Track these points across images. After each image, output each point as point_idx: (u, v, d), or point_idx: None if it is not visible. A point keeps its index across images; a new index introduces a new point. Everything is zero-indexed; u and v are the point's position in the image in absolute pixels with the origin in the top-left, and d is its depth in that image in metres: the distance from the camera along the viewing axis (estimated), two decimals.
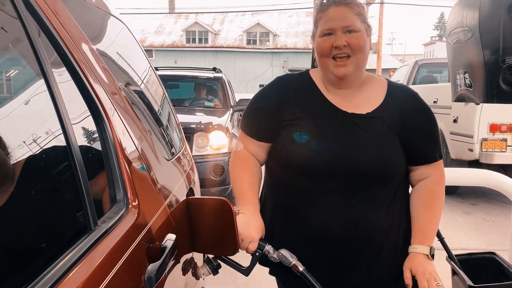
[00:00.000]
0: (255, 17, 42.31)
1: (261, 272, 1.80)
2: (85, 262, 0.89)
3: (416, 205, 1.63)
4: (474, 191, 7.14)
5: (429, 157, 1.64)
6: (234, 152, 1.76)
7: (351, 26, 1.53)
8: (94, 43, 1.39)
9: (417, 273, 1.54)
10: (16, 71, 1.05)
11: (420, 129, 1.62)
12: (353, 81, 1.60)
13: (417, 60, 10.32)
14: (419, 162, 1.64)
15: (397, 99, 1.63)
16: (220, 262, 1.58)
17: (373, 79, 1.68)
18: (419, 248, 1.58)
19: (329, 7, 1.56)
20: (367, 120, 1.57)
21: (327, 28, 1.54)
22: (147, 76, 2.22)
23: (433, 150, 1.65)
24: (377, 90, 1.64)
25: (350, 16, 1.54)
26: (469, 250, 2.47)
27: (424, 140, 1.63)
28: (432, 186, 1.64)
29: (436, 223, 1.64)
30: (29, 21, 0.99)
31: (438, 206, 1.64)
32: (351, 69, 1.54)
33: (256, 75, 38.18)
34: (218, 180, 5.40)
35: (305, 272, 1.51)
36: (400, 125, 1.58)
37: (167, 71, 7.93)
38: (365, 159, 1.53)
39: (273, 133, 1.63)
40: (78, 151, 1.01)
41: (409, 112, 1.61)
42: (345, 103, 1.60)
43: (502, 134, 6.22)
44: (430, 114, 1.67)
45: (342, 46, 1.51)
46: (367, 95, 1.63)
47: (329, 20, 1.54)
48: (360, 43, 1.53)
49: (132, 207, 1.18)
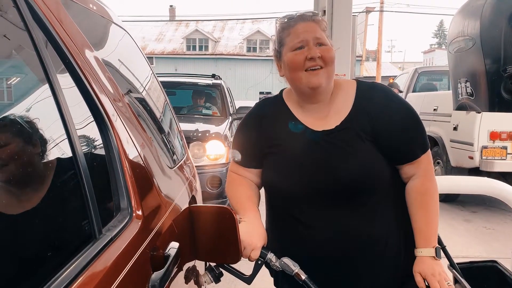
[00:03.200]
0: (255, 24, 42.44)
1: (263, 281, 1.79)
2: (90, 270, 0.89)
3: (410, 207, 1.60)
4: (474, 199, 7.13)
5: (408, 156, 1.58)
6: (228, 175, 1.81)
7: (321, 39, 1.54)
8: (98, 51, 1.40)
9: (427, 276, 1.54)
10: (22, 78, 1.06)
11: (392, 129, 1.56)
12: (324, 92, 1.58)
13: (416, 67, 10.33)
14: (400, 161, 1.59)
15: (365, 103, 1.59)
16: (222, 270, 1.57)
17: (340, 86, 1.64)
18: (424, 251, 1.58)
19: (297, 23, 1.57)
20: (336, 135, 1.56)
21: (299, 41, 1.54)
22: (149, 83, 2.22)
23: (411, 147, 1.59)
24: (346, 98, 1.61)
25: (319, 30, 1.55)
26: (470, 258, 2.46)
27: (398, 139, 1.56)
28: (419, 185, 1.59)
29: (435, 221, 1.60)
30: (34, 29, 1.00)
31: (431, 204, 1.59)
32: (324, 79, 1.54)
33: (256, 82, 38.26)
34: (215, 193, 5.14)
35: (307, 281, 1.51)
36: (369, 130, 1.54)
37: (164, 78, 7.61)
38: (342, 174, 1.51)
39: (259, 160, 1.68)
40: (83, 159, 1.01)
41: (378, 112, 1.56)
42: (316, 120, 1.60)
43: (502, 142, 6.22)
44: (403, 111, 1.60)
45: (316, 57, 1.51)
46: (337, 106, 1.60)
47: (299, 34, 1.54)
48: (331, 55, 1.54)
49: (136, 216, 1.18)
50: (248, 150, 1.71)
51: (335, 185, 1.52)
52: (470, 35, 2.25)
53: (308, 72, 1.53)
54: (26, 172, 0.84)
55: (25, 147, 0.86)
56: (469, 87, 2.34)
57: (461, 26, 2.37)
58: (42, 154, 0.91)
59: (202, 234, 1.49)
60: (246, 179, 1.73)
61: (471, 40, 2.24)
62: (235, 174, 1.76)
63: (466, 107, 2.49)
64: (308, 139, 1.58)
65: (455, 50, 2.48)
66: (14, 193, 0.80)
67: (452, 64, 2.62)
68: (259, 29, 40.14)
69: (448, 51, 2.64)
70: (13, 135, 0.84)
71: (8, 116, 0.90)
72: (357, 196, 1.54)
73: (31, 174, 0.86)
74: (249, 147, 1.70)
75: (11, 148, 0.81)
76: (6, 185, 0.78)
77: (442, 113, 7.00)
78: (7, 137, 0.82)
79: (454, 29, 2.50)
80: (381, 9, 27.43)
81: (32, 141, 0.88)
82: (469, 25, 2.27)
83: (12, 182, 0.79)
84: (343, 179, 1.51)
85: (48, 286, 0.78)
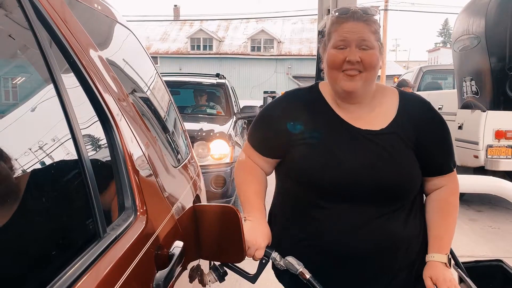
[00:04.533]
0: (260, 24, 42.42)
1: (268, 280, 1.79)
2: (95, 269, 0.89)
3: (432, 214, 1.63)
4: (479, 198, 7.10)
5: (443, 169, 1.63)
6: (238, 161, 1.75)
7: (366, 42, 1.48)
8: (102, 50, 1.40)
9: (437, 281, 1.55)
10: (27, 78, 1.06)
11: (434, 141, 1.60)
12: (362, 96, 1.56)
13: (421, 66, 10.32)
14: (434, 173, 1.62)
15: (410, 112, 1.59)
16: (226, 269, 1.58)
17: (384, 90, 1.64)
18: (437, 257, 1.58)
19: (347, 21, 1.51)
20: (381, 136, 1.55)
21: (342, 41, 1.50)
22: (154, 83, 2.22)
23: (447, 161, 1.64)
24: (389, 103, 1.61)
25: (366, 32, 1.49)
26: (475, 257, 2.45)
27: (438, 152, 1.61)
28: (447, 196, 1.63)
29: (452, 232, 1.64)
30: (39, 29, 1.00)
31: (453, 215, 1.64)
32: (360, 85, 1.51)
33: (260, 82, 38.25)
34: (220, 193, 5.11)
35: (312, 280, 1.50)
36: (414, 139, 1.56)
37: (169, 77, 7.56)
38: (382, 176, 1.51)
39: (282, 151, 1.62)
40: (88, 158, 1.02)
41: (423, 124, 1.58)
42: (358, 119, 1.57)
43: (508, 141, 6.20)
44: (443, 125, 1.65)
45: (355, 62, 1.47)
46: (380, 109, 1.59)
47: (344, 33, 1.50)
48: (373, 60, 1.50)
49: (140, 215, 1.18)
50: (271, 139, 1.64)
51: (374, 185, 1.51)
52: (475, 34, 2.24)
53: (344, 74, 1.50)
54: (31, 171, 0.84)
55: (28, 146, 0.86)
56: (474, 86, 2.33)
57: (466, 25, 2.36)
58: (46, 154, 0.92)
59: (207, 233, 1.49)
60: (257, 167, 1.69)
61: (476, 38, 2.23)
62: (248, 158, 1.70)
63: (471, 105, 2.48)
64: (351, 135, 1.56)
65: (460, 49, 2.47)
66: (19, 193, 0.80)
67: (457, 62, 2.61)
68: (263, 29, 40.12)
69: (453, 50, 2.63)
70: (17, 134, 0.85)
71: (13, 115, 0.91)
72: (391, 199, 1.54)
73: (35, 174, 0.86)
74: (273, 137, 1.63)
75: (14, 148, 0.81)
76: (11, 184, 0.78)
77: (447, 112, 6.98)
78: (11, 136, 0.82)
79: (459, 27, 2.50)
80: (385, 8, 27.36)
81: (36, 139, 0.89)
82: (474, 23, 2.26)
83: (17, 181, 0.80)
84: (384, 180, 1.51)
85: (53, 284, 0.79)
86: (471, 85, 2.36)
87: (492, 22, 2.14)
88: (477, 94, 2.32)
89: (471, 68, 2.39)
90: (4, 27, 0.94)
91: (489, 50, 2.15)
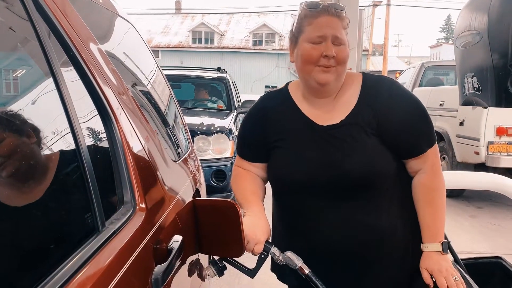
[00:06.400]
0: (261, 18, 42.34)
1: (267, 274, 1.79)
2: (93, 263, 0.89)
3: (417, 202, 1.60)
4: (480, 195, 7.10)
5: (413, 150, 1.57)
6: (234, 169, 1.81)
7: (340, 38, 1.50)
8: (102, 44, 1.40)
9: (433, 272, 1.54)
10: (26, 71, 1.06)
11: (397, 123, 1.54)
12: (333, 89, 1.58)
13: (423, 62, 10.27)
14: (405, 156, 1.58)
15: (371, 97, 1.57)
16: (225, 264, 1.58)
17: (350, 79, 1.62)
18: (430, 247, 1.57)
19: (320, 15, 1.51)
20: (341, 129, 1.55)
21: (319, 35, 1.50)
22: (154, 77, 2.22)
23: (416, 141, 1.56)
24: (352, 93, 1.59)
25: (340, 28, 1.51)
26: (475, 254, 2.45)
27: (404, 133, 1.54)
28: (426, 181, 1.58)
29: (441, 217, 1.59)
30: (38, 21, 0.99)
31: (438, 200, 1.58)
32: (333, 78, 1.52)
33: (262, 76, 38.23)
34: (220, 187, 5.14)
35: (311, 275, 1.50)
36: (375, 125, 1.53)
37: (169, 71, 7.57)
38: (346, 168, 1.51)
39: (264, 155, 1.68)
40: (87, 151, 1.01)
41: (383, 107, 1.54)
42: (322, 115, 1.59)
43: (509, 138, 6.19)
44: (409, 104, 1.58)
45: (331, 56, 1.48)
46: (342, 101, 1.59)
47: (320, 27, 1.50)
48: (345, 56, 1.51)
49: (139, 209, 1.18)
50: (253, 144, 1.70)
51: (340, 179, 1.52)
52: (478, 30, 2.23)
53: (319, 68, 1.51)
54: (29, 164, 0.84)
55: (27, 139, 0.85)
56: (475, 82, 2.32)
57: (469, 21, 2.35)
58: (45, 147, 0.91)
59: (206, 228, 1.49)
60: (251, 174, 1.73)
61: (478, 34, 2.22)
62: (240, 168, 1.76)
63: (472, 102, 2.47)
64: (314, 133, 1.58)
65: (462, 45, 2.46)
66: (17, 186, 0.80)
67: (458, 58, 2.60)
68: (265, 23, 40.05)
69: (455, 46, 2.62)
70: (16, 128, 0.84)
71: (10, 108, 0.90)
72: (361, 190, 1.54)
73: (34, 167, 0.86)
74: (254, 141, 1.70)
75: (13, 140, 0.81)
76: (9, 177, 0.77)
77: (449, 108, 6.97)
78: (9, 129, 0.82)
79: (461, 23, 2.48)
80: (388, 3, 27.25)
81: (35, 133, 0.88)
82: (477, 19, 2.25)
83: (15, 175, 0.79)
84: (348, 173, 1.51)
85: (51, 278, 0.78)
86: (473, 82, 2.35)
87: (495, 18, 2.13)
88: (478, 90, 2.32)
89: (473, 64, 2.38)
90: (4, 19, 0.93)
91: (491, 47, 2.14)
